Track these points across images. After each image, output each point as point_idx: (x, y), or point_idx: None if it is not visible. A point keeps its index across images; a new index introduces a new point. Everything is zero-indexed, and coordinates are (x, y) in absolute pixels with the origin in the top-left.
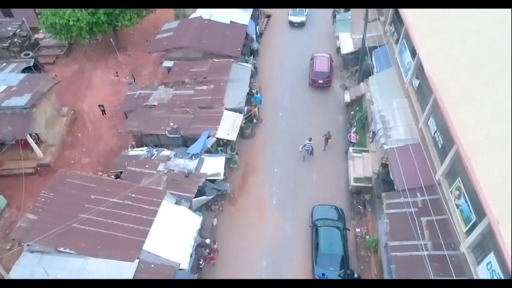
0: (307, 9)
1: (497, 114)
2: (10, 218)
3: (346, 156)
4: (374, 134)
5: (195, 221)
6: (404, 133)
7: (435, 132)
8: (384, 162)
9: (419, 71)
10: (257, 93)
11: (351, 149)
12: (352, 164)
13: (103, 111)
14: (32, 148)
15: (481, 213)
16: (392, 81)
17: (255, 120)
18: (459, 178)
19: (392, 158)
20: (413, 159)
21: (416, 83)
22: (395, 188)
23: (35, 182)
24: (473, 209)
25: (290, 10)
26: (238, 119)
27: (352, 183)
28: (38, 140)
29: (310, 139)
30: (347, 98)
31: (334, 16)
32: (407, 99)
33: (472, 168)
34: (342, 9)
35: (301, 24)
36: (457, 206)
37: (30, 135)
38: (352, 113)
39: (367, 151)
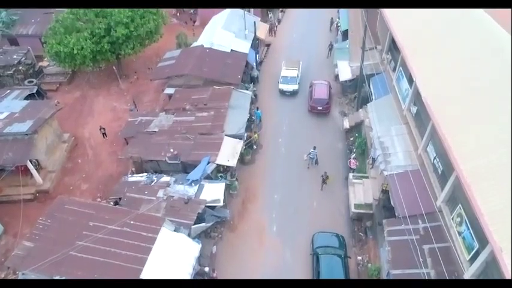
0: (300, 75)
1: (496, 141)
2: (6, 245)
3: (347, 182)
4: (374, 160)
5: (193, 248)
6: (404, 159)
7: (434, 158)
8: (384, 188)
9: (417, 98)
10: (257, 110)
11: (351, 175)
12: (352, 190)
13: (104, 134)
14: (31, 174)
15: (483, 240)
16: (391, 107)
17: (254, 147)
18: (460, 205)
19: (393, 185)
20: (413, 185)
21: (414, 109)
22: (396, 214)
23: (33, 208)
24: (475, 236)
25: (281, 77)
26: (238, 145)
27: (353, 209)
28: (38, 166)
29: (314, 148)
30: (346, 124)
31: (330, 49)
32: (405, 126)
33: (472, 195)
34: (339, 39)
35: (293, 93)
36: (459, 233)
37: (31, 161)
38: (352, 139)
39: (367, 177)
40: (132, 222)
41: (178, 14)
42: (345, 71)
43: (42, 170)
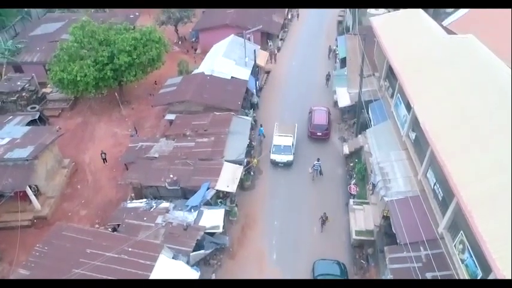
0: (295, 143)
1: (495, 167)
2: (1, 273)
3: (347, 208)
4: (374, 185)
5: (192, 276)
6: (404, 185)
7: (435, 184)
8: (385, 214)
9: (415, 124)
10: (261, 126)
11: (351, 201)
12: (353, 216)
13: (104, 160)
14: (30, 200)
15: (486, 268)
16: (389, 133)
17: (252, 173)
18: (462, 232)
19: (393, 211)
20: (413, 212)
21: (412, 135)
22: (398, 241)
23: (31, 235)
24: (478, 264)
25: (272, 146)
26: (238, 170)
27: (354, 236)
28: (37, 192)
29: (318, 159)
30: (346, 150)
31: (328, 79)
32: (405, 151)
33: (474, 222)
34: (338, 66)
35: (287, 165)
36: (462, 260)
37: (30, 187)
38: (352, 164)
39: (367, 203)
40: (130, 249)
41: (180, 42)
42: (344, 98)
43: (41, 195)
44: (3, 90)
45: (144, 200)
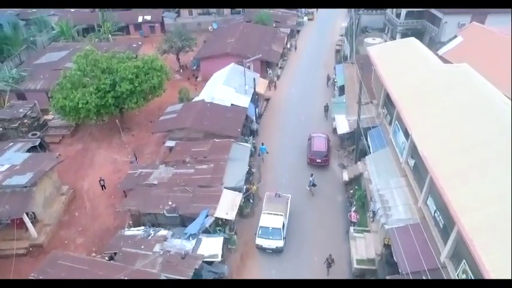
0: (286, 224)
1: (496, 194)
2: None
3: (348, 236)
4: (374, 213)
5: None
6: (405, 213)
7: (435, 211)
8: (386, 242)
9: (414, 151)
10: (262, 145)
11: (351, 228)
12: (354, 244)
13: (103, 186)
14: (26, 227)
15: None
16: (389, 160)
17: (251, 200)
18: (464, 260)
19: (394, 239)
20: (414, 240)
21: (412, 162)
22: (400, 270)
23: (26, 263)
24: None
25: (259, 228)
26: (238, 197)
27: (355, 265)
28: (34, 220)
29: (312, 175)
30: (345, 176)
31: (326, 110)
32: (404, 178)
33: (476, 251)
34: (336, 93)
35: (277, 251)
36: None
37: (27, 214)
38: (351, 191)
39: (368, 231)
40: (126, 278)
41: (181, 70)
42: (343, 125)
43: (38, 223)
44: (5, 117)
45: (142, 227)
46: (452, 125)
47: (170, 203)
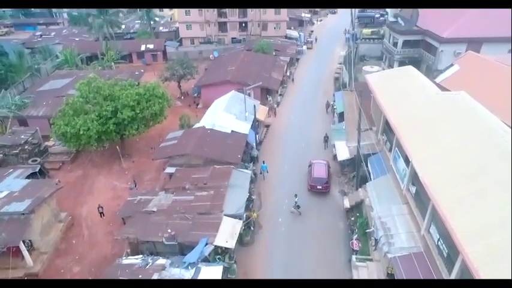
0: None
1: (500, 221)
2: None
3: (350, 265)
4: (376, 241)
5: None
6: (407, 241)
7: (438, 240)
8: (389, 272)
9: (415, 178)
10: (264, 163)
11: (354, 257)
12: (356, 274)
13: (101, 213)
14: (23, 256)
15: None
16: (390, 187)
17: (252, 228)
18: None
19: (397, 268)
20: (418, 269)
21: (413, 189)
22: None
23: None
24: None
25: None
26: (238, 225)
27: None
28: (31, 247)
29: (296, 195)
30: (346, 203)
31: (326, 141)
32: (406, 206)
33: None
34: (336, 120)
35: None
36: None
37: (24, 242)
38: (353, 219)
39: (371, 260)
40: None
41: (182, 97)
42: (343, 151)
43: (34, 251)
44: (7, 144)
45: (140, 256)
46: (453, 152)
47: (169, 230)
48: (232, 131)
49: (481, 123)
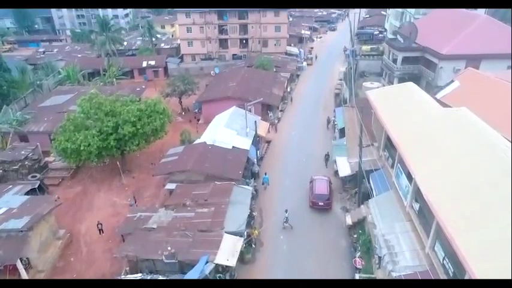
0: None
1: (504, 239)
2: None
3: None
4: (380, 258)
5: None
6: (412, 259)
7: (444, 258)
8: None
9: (418, 195)
10: (265, 175)
11: (357, 275)
12: None
13: (100, 230)
14: (19, 274)
15: None
16: (393, 204)
17: (253, 245)
18: None
19: None
20: None
21: (416, 206)
22: None
23: None
24: None
25: None
26: (239, 243)
27: None
28: (28, 265)
29: (286, 210)
30: (349, 220)
31: (327, 159)
32: (409, 223)
33: None
34: (337, 136)
35: None
36: None
37: (21, 260)
38: (355, 236)
39: (374, 278)
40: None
41: (183, 112)
42: (344, 167)
43: (31, 269)
44: (6, 159)
45: (139, 274)
46: (456, 168)
47: (169, 248)
48: (233, 146)
49: (483, 139)
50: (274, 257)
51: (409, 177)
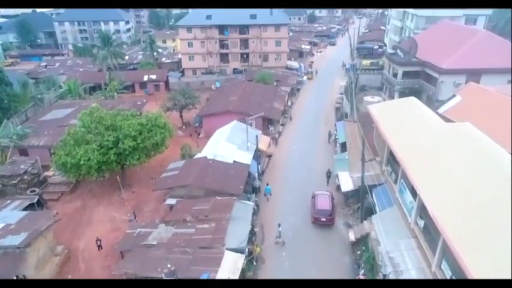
0: None
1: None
2: None
3: None
4: (385, 276)
5: None
6: (418, 277)
7: (451, 277)
8: None
9: (423, 211)
10: (267, 185)
11: None
12: None
13: (99, 246)
14: None
15: None
16: (397, 220)
17: (254, 262)
18: None
19: None
20: None
21: (421, 223)
22: None
23: None
24: None
25: None
26: (240, 260)
27: None
28: None
29: (279, 225)
30: (351, 236)
31: (329, 176)
32: (414, 240)
33: None
34: (338, 150)
35: None
36: None
37: (17, 277)
38: (359, 252)
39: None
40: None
41: (184, 126)
42: (346, 182)
43: None
44: (6, 174)
45: None
46: (462, 185)
47: (169, 265)
48: (234, 161)
49: (488, 155)
50: (276, 275)
51: (413, 193)
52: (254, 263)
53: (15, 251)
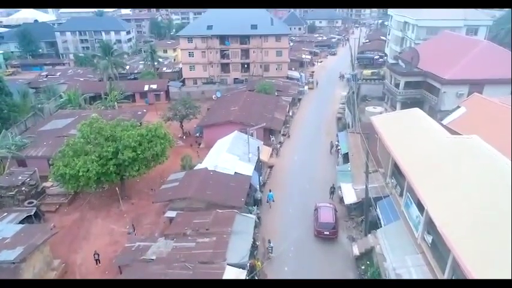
0: None
1: None
2: None
3: None
4: None
5: None
6: None
7: None
8: None
9: (431, 226)
10: (270, 191)
11: None
12: None
13: (97, 261)
14: None
15: None
16: (403, 235)
17: (256, 278)
18: None
19: None
20: None
21: (429, 238)
22: None
23: None
24: None
25: None
26: (241, 276)
27: None
28: None
29: (269, 241)
30: (356, 250)
31: (332, 192)
32: (422, 255)
33: None
34: (340, 161)
35: None
36: None
37: None
38: (363, 267)
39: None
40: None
41: (184, 137)
42: (350, 194)
43: None
44: (3, 185)
45: None
46: (471, 199)
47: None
48: (235, 172)
49: (498, 168)
50: None
51: (420, 207)
52: (256, 278)
53: (10, 266)
